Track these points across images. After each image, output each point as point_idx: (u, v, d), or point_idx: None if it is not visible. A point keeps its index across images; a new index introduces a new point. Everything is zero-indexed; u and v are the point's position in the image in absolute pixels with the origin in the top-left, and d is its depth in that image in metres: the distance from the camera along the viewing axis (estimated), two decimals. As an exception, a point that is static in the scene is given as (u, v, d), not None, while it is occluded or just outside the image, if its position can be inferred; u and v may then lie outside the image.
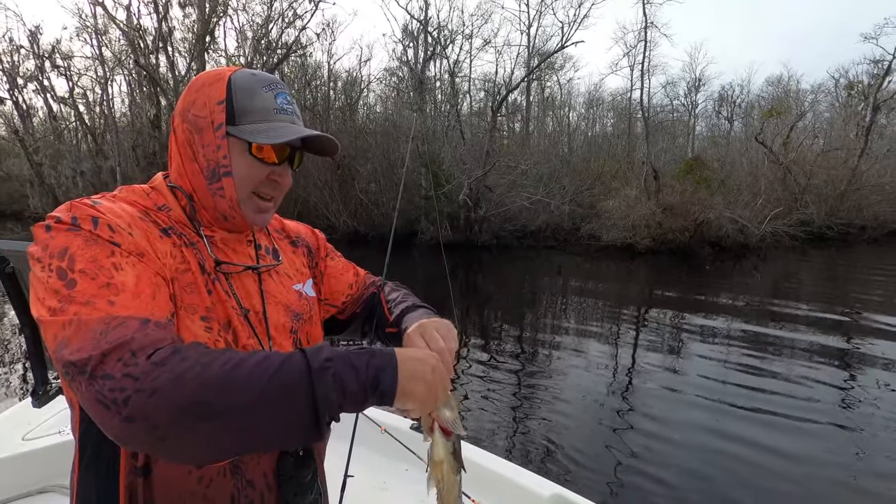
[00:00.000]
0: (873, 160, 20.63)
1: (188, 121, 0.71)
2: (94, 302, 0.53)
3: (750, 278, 12.01)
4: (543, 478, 1.70)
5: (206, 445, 0.52)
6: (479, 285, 11.30)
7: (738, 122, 32.29)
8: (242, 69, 0.73)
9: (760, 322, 7.58)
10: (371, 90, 24.37)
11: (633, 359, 5.94)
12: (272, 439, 0.55)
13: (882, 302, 8.91)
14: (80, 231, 0.58)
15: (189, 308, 0.64)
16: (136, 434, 0.49)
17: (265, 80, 0.72)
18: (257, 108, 0.70)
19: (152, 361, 0.50)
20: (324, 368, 0.54)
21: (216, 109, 0.69)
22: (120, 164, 16.33)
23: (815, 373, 5.29)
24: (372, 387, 0.56)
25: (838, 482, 3.30)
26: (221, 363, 0.52)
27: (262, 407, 0.51)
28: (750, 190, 18.01)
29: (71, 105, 18.56)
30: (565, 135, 28.59)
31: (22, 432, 1.89)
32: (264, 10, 18.72)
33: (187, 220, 0.71)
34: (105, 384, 0.49)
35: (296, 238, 0.92)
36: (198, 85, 0.71)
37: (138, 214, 0.65)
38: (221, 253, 0.73)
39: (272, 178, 0.72)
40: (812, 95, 27.94)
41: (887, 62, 20.51)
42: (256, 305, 0.74)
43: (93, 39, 18.71)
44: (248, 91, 0.70)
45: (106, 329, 0.52)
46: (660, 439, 3.85)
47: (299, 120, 0.74)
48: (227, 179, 0.70)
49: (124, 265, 0.58)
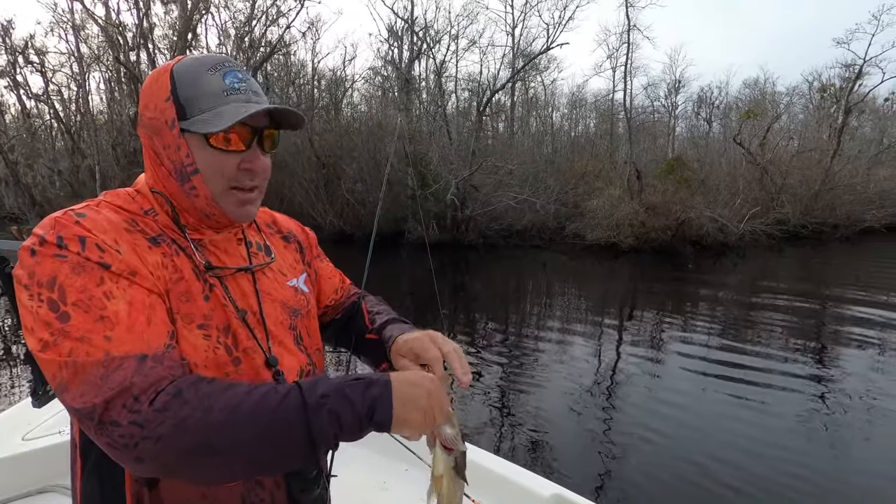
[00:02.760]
0: (845, 161, 21.30)
1: (145, 125, 0.67)
2: (90, 338, 0.53)
3: (730, 275, 12.34)
4: (543, 478, 1.70)
5: (214, 475, 0.57)
6: (467, 284, 11.36)
7: (716, 124, 33.05)
8: (187, 57, 0.68)
9: (742, 316, 7.82)
10: (355, 89, 24.28)
11: (619, 355, 6.06)
12: (274, 469, 0.58)
13: (854, 295, 9.25)
14: (67, 256, 0.56)
15: (186, 318, 0.63)
16: (148, 470, 0.54)
17: (209, 61, 0.66)
18: (204, 93, 0.64)
19: (154, 409, 0.51)
20: (320, 405, 0.56)
21: (165, 107, 0.64)
22: (99, 162, 15.91)
23: (793, 366, 5.49)
24: (368, 418, 0.58)
25: (821, 468, 3.45)
26: (221, 406, 0.53)
27: (261, 444, 0.54)
28: (729, 190, 18.46)
29: (46, 102, 18.03)
30: (549, 135, 28.89)
31: (22, 432, 1.88)
32: (247, 8, 18.50)
33: (174, 225, 0.69)
34: (114, 431, 0.51)
35: (287, 234, 0.90)
36: (146, 86, 0.67)
37: (124, 225, 0.63)
38: (213, 256, 0.71)
39: (244, 166, 0.67)
40: (787, 98, 28.81)
41: (858, 66, 21.28)
42: (253, 305, 0.72)
43: (69, 35, 18.23)
44: (191, 79, 0.64)
45: (105, 373, 0.52)
46: (648, 433, 3.95)
47: (258, 96, 0.67)
48: (196, 178, 0.66)
49: (115, 292, 0.56)
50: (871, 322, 7.33)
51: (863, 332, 6.82)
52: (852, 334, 6.76)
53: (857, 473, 3.41)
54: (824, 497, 3.14)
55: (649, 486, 3.25)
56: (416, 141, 17.00)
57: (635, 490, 3.21)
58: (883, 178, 21.45)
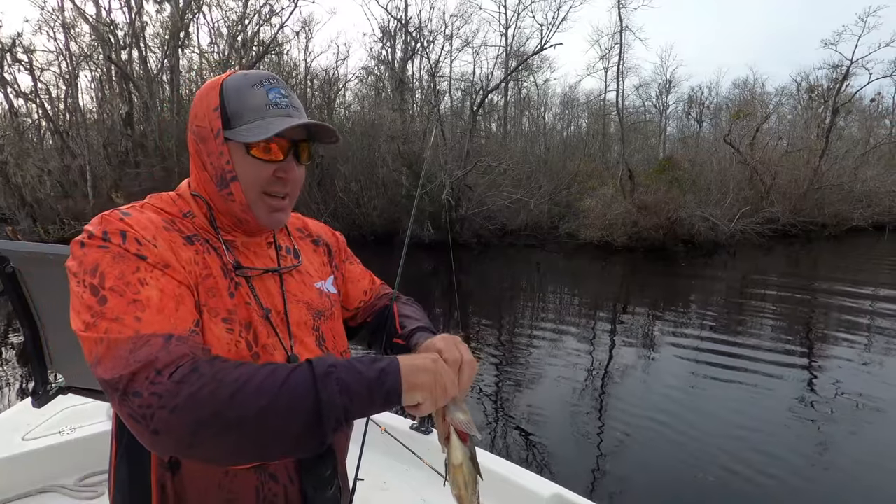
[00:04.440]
0: (833, 160, 21.62)
1: (194, 132, 0.74)
2: (123, 318, 0.58)
3: (722, 273, 12.49)
4: (543, 478, 1.70)
5: (227, 452, 0.57)
6: (462, 283, 11.41)
7: (706, 124, 33.42)
8: (236, 72, 0.75)
9: (734, 312, 7.93)
10: (349, 89, 24.22)
11: (612, 353, 6.13)
12: (285, 444, 0.58)
13: (842, 288, 9.41)
14: (108, 247, 0.62)
15: (212, 311, 0.68)
16: (164, 444, 0.55)
17: (255, 78, 0.73)
18: (249, 107, 0.70)
19: (173, 380, 0.54)
20: (328, 374, 0.58)
21: (213, 116, 0.71)
22: (90, 162, 15.73)
23: (785, 359, 5.58)
24: (378, 385, 0.59)
25: (811, 458, 3.53)
26: (234, 379, 0.56)
27: (271, 415, 0.55)
28: (719, 189, 18.66)
29: (34, 101, 17.79)
30: (542, 134, 29.01)
31: (22, 432, 1.89)
32: (239, 6, 18.38)
33: (210, 227, 0.74)
34: (135, 401, 0.54)
35: (317, 238, 0.94)
36: (198, 97, 0.74)
37: (163, 224, 0.69)
38: (243, 256, 0.76)
39: (278, 175, 0.72)
40: (776, 98, 29.19)
41: (845, 67, 21.61)
42: (278, 305, 0.76)
43: (58, 34, 18.01)
44: (237, 92, 0.71)
45: (133, 349, 0.56)
46: (643, 429, 4.01)
47: (297, 111, 0.73)
48: (235, 184, 0.72)
49: (149, 279, 0.61)
50: (859, 312, 7.49)
51: (850, 325, 6.95)
52: (840, 328, 6.88)
53: (852, 463, 3.50)
54: (817, 488, 3.21)
55: (644, 479, 3.29)
56: (410, 141, 17.02)
57: (630, 484, 3.25)
58: (870, 178, 21.78)
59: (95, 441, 1.93)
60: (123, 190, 13.58)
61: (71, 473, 1.84)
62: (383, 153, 17.40)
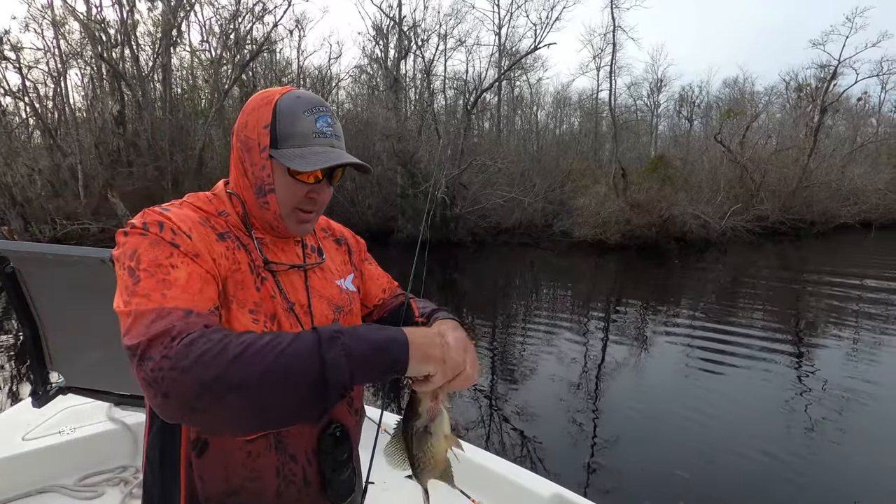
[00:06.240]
0: (821, 159, 21.90)
1: (241, 140, 0.79)
2: (151, 294, 0.62)
3: (713, 270, 12.63)
4: (543, 478, 1.70)
5: (232, 416, 0.57)
6: (456, 281, 11.45)
7: (697, 122, 33.71)
8: (290, 91, 0.79)
9: (726, 307, 8.03)
10: (342, 87, 24.13)
11: (606, 349, 6.17)
12: (288, 409, 0.59)
13: (830, 279, 9.57)
14: (146, 235, 0.68)
15: (240, 302, 0.73)
16: (172, 407, 0.56)
17: (308, 103, 0.78)
18: (297, 132, 0.76)
19: (183, 344, 0.57)
20: (333, 338, 0.60)
21: (262, 133, 0.76)
22: (81, 161, 15.54)
23: (777, 354, 5.66)
24: (383, 349, 0.61)
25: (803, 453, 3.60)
26: (238, 342, 0.58)
27: (274, 377, 0.56)
28: (710, 187, 18.87)
29: (22, 99, 17.55)
30: (534, 133, 29.08)
31: (22, 432, 1.89)
32: (232, 4, 18.24)
33: (242, 225, 0.80)
34: (149, 365, 0.56)
35: (339, 237, 1.02)
36: (250, 107, 0.79)
37: (199, 220, 0.75)
38: (271, 253, 0.82)
39: (310, 195, 0.79)
40: (766, 97, 29.47)
41: (833, 67, 21.88)
42: (302, 299, 0.82)
43: (46, 31, 17.77)
44: (290, 116, 0.76)
45: (156, 318, 0.60)
46: (638, 425, 4.07)
47: (339, 141, 0.80)
48: (272, 196, 0.78)
49: (179, 264, 0.66)
50: (848, 303, 7.61)
51: (839, 317, 7.07)
52: (829, 321, 7.00)
53: (844, 457, 3.57)
54: (814, 484, 3.27)
55: (639, 473, 3.32)
56: (405, 140, 17.00)
57: (625, 478, 3.28)
58: (857, 176, 22.06)
59: (95, 441, 1.93)
60: (117, 189, 13.43)
61: (71, 473, 1.85)
62: (378, 152, 17.39)
